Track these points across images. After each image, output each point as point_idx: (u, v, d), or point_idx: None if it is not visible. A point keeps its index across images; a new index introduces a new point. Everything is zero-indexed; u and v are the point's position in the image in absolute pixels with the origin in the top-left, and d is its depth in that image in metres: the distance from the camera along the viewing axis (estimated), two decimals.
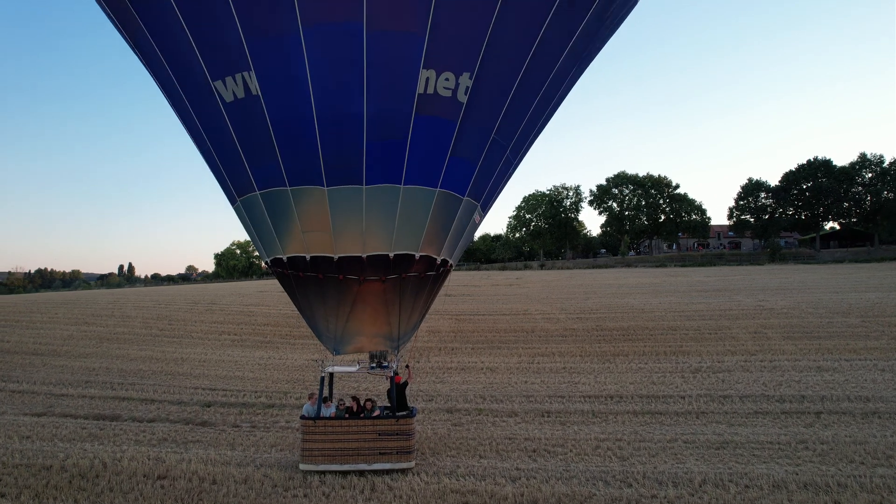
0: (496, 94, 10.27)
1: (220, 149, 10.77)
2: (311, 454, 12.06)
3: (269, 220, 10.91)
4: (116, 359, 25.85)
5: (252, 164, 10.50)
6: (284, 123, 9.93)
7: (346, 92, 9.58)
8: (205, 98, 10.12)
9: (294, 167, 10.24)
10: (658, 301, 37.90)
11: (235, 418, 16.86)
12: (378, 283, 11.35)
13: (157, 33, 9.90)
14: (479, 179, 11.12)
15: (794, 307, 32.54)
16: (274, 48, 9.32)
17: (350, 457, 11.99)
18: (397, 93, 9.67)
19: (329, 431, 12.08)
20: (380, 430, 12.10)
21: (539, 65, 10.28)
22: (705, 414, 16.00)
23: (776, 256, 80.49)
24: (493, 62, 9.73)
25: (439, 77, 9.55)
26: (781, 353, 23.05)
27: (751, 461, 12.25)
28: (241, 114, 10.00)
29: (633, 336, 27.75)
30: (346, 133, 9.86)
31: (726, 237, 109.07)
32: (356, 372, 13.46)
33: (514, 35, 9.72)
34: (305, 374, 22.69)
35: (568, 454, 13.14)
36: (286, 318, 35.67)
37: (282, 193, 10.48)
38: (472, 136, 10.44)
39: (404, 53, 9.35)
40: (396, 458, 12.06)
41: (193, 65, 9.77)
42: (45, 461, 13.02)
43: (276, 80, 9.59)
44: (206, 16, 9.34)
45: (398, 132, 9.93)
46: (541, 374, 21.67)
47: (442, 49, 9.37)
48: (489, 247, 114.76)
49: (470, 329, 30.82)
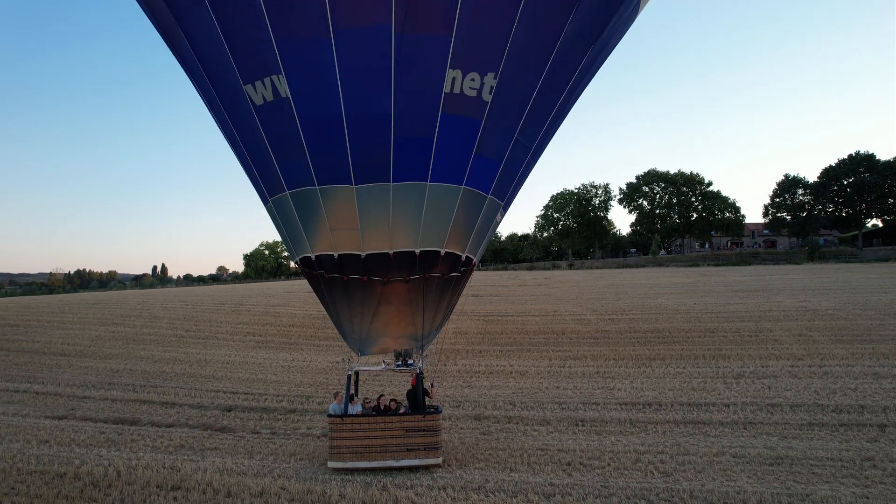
0: (519, 94, 10.39)
1: (252, 151, 11.03)
2: (340, 451, 12.06)
3: (299, 219, 11.07)
4: (141, 360, 25.69)
5: (282, 164, 10.72)
6: (313, 124, 10.11)
7: (375, 92, 9.76)
8: (237, 101, 10.39)
9: (323, 166, 10.42)
10: (693, 302, 36.41)
11: (255, 424, 16.30)
12: (402, 285, 11.47)
13: (194, 40, 10.24)
14: (502, 178, 11.25)
15: (840, 308, 30.77)
16: (304, 51, 9.54)
17: (378, 453, 12.03)
18: (425, 92, 9.85)
19: (357, 429, 12.11)
20: (407, 427, 12.12)
21: (560, 64, 10.37)
22: (753, 424, 14.82)
23: (815, 255, 77.29)
24: (516, 62, 9.89)
25: (465, 77, 9.76)
26: (831, 358, 21.57)
27: (811, 480, 11.08)
28: (271, 116, 10.22)
29: (669, 338, 26.49)
30: (374, 132, 10.03)
31: (761, 235, 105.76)
32: (382, 370, 13.49)
33: (536, 36, 9.84)
34: (329, 376, 22.12)
35: (606, 468, 12.17)
36: (311, 318, 35.33)
37: (311, 192, 10.66)
38: (496, 135, 10.59)
39: (432, 54, 9.55)
40: (424, 455, 12.08)
41: (227, 69, 10.05)
42: (60, 468, 12.61)
43: (305, 82, 9.78)
44: (239, 22, 9.58)
45: (425, 130, 10.10)
46: (573, 378, 20.67)
47: (467, 50, 9.59)
48: (516, 246, 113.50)
49: (498, 330, 29.92)
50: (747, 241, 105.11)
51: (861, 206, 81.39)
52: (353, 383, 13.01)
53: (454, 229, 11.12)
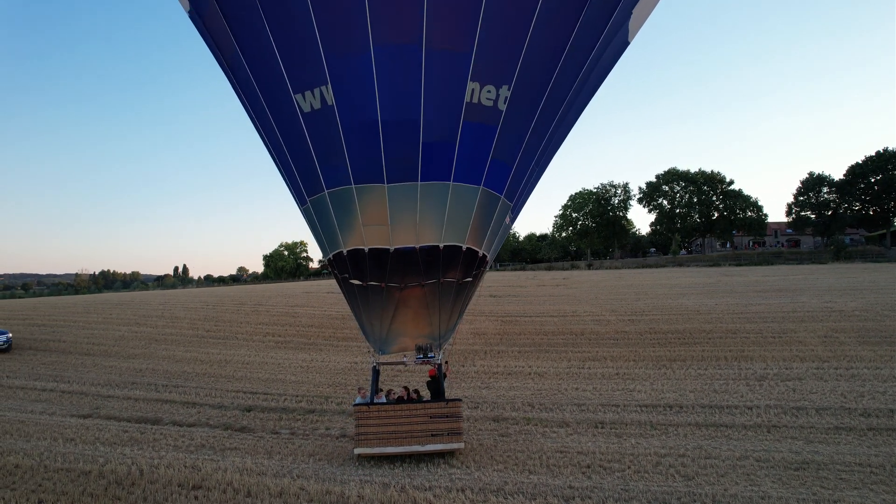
0: (529, 104, 11.54)
1: (296, 154, 12.08)
2: (366, 438, 12.64)
3: (334, 217, 12.12)
4: (163, 360, 26.08)
5: (323, 166, 11.79)
6: (354, 129, 11.24)
7: (407, 101, 10.94)
8: (285, 109, 11.51)
9: (360, 167, 11.50)
10: (714, 302, 35.88)
11: (275, 424, 16.44)
12: (419, 289, 12.51)
13: (250, 56, 11.45)
14: (513, 181, 12.31)
15: (868, 309, 30.08)
16: (349, 65, 10.75)
17: (403, 439, 12.60)
18: (448, 102, 11.02)
19: (382, 416, 12.74)
20: (430, 413, 12.75)
21: (566, 77, 11.51)
22: (777, 428, 14.54)
23: (841, 254, 75.49)
24: (527, 77, 11.08)
25: (483, 88, 10.96)
26: (859, 361, 21.09)
27: (839, 486, 10.81)
28: (317, 122, 11.37)
29: (690, 339, 26.15)
30: (405, 136, 11.17)
31: (784, 235, 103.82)
32: (405, 363, 14.34)
33: (545, 52, 11.02)
34: (347, 377, 22.23)
35: (626, 471, 12.02)
36: (330, 319, 35.55)
37: (347, 191, 11.74)
38: (509, 140, 11.70)
39: (455, 69, 10.75)
40: (447, 440, 12.68)
41: (278, 81, 11.22)
42: (85, 466, 12.82)
43: (349, 92, 10.97)
44: (294, 40, 10.80)
45: (449, 135, 11.26)
46: (592, 380, 20.49)
47: (485, 65, 10.79)
48: (535, 246, 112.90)
49: (516, 331, 29.80)
50: (770, 240, 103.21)
51: (889, 204, 79.36)
52: (377, 377, 13.79)
53: (473, 226, 12.16)
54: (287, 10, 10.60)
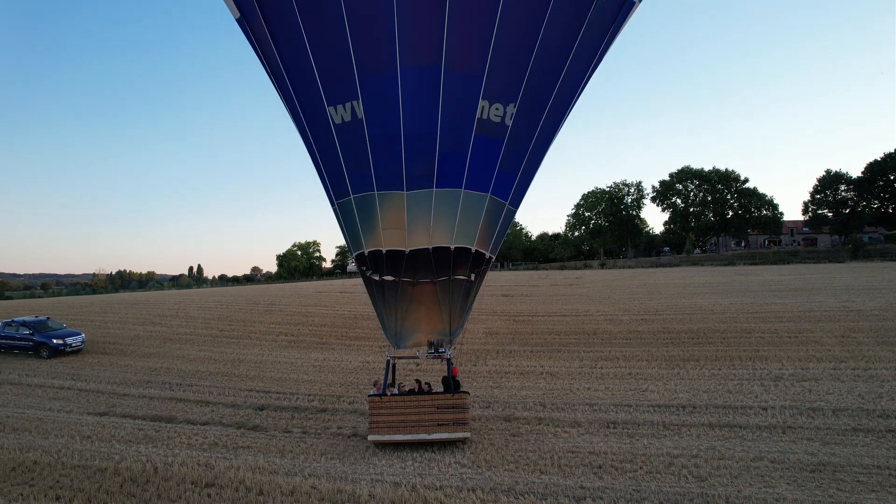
0: (531, 121, 12.82)
1: (327, 161, 13.23)
2: (378, 426, 13.73)
3: (358, 220, 13.26)
4: (177, 359, 26.34)
5: (350, 173, 12.92)
6: (380, 141, 12.40)
7: (427, 117, 12.16)
8: (319, 119, 12.68)
9: (383, 175, 12.64)
10: (729, 301, 35.52)
11: (287, 423, 16.53)
12: (430, 286, 13.61)
13: (290, 69, 12.57)
14: (517, 189, 13.60)
15: (887, 309, 29.60)
16: (378, 82, 11.95)
17: (412, 427, 13.61)
18: (462, 117, 12.29)
19: (393, 406, 13.88)
20: (438, 404, 13.77)
21: (563, 95, 12.89)
22: (793, 429, 14.34)
23: (859, 253, 74.34)
24: (531, 95, 12.41)
25: (492, 106, 12.27)
26: (877, 361, 20.75)
27: (856, 489, 10.65)
28: (346, 133, 12.51)
29: (704, 339, 25.90)
30: (423, 148, 12.37)
31: (800, 233, 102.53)
32: (418, 357, 15.17)
33: (546, 75, 12.38)
34: (360, 376, 22.29)
35: (638, 471, 11.93)
36: (343, 318, 35.72)
37: (371, 197, 12.91)
38: (513, 153, 12.96)
39: (469, 89, 12.09)
40: (453, 429, 13.60)
41: (314, 93, 12.42)
42: (101, 463, 13.01)
43: (376, 107, 12.14)
44: (330, 57, 11.99)
45: (461, 147, 12.49)
46: (604, 379, 20.36)
47: (495, 86, 12.15)
48: (547, 246, 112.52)
49: (528, 331, 29.71)
50: (786, 239, 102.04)
51: None
52: (392, 370, 14.94)
53: (482, 229, 13.27)
54: (326, 31, 11.83)
